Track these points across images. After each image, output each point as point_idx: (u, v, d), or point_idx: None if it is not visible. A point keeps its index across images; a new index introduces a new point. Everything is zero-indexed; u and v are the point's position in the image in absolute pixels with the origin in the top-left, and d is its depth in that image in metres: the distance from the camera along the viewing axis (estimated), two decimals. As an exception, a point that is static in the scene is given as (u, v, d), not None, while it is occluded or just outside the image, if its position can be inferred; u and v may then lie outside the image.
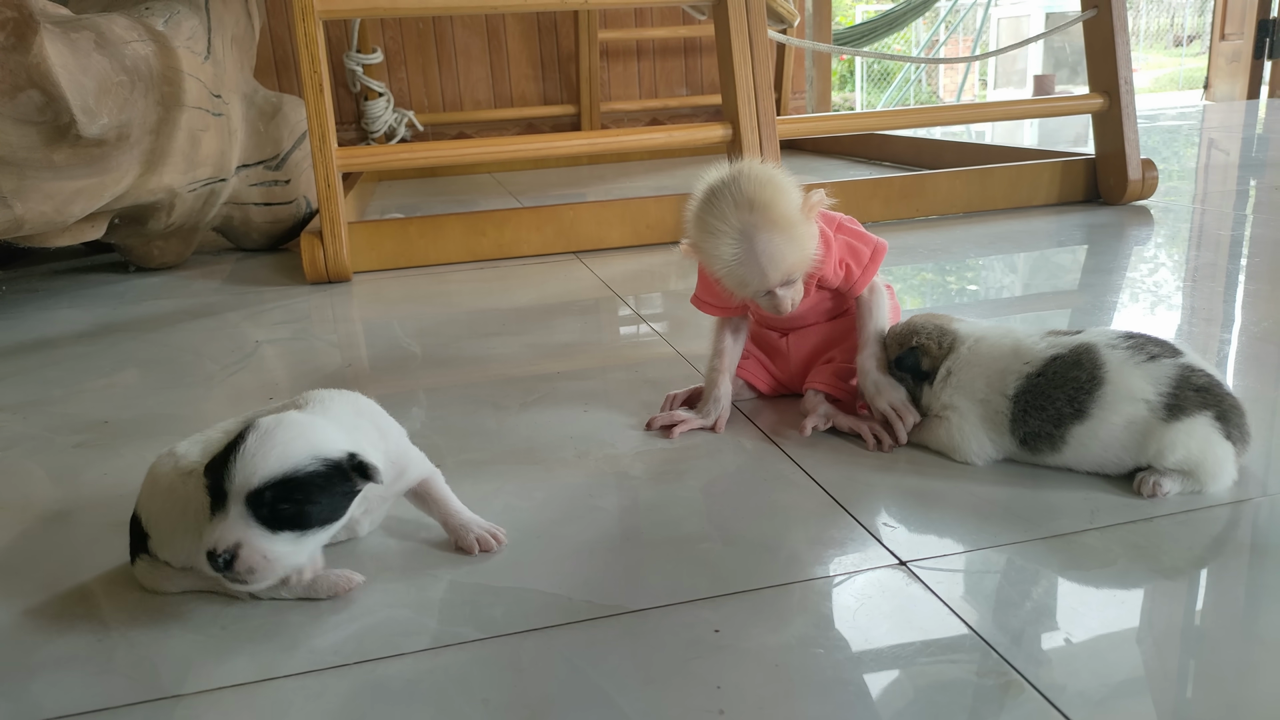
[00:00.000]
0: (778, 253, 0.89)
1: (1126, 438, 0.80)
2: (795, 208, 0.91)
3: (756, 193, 0.89)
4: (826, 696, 0.57)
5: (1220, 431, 0.78)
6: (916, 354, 0.92)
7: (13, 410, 1.19)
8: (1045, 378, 0.83)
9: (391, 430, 0.78)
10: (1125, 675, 0.58)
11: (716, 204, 0.91)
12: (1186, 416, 0.78)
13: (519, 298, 1.64)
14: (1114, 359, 0.81)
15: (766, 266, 0.90)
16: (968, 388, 0.88)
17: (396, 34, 3.62)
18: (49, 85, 1.32)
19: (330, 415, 0.72)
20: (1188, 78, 9.07)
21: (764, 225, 0.89)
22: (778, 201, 0.90)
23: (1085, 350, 0.83)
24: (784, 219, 0.90)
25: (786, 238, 0.90)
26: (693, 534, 0.78)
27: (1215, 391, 0.79)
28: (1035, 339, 0.87)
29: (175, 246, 2.00)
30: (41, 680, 0.63)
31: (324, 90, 1.75)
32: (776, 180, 0.91)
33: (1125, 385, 0.80)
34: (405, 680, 0.61)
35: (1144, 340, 0.83)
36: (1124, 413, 0.80)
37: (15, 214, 1.38)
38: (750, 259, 0.89)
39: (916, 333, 0.94)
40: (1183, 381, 0.79)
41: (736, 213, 0.89)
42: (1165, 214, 2.06)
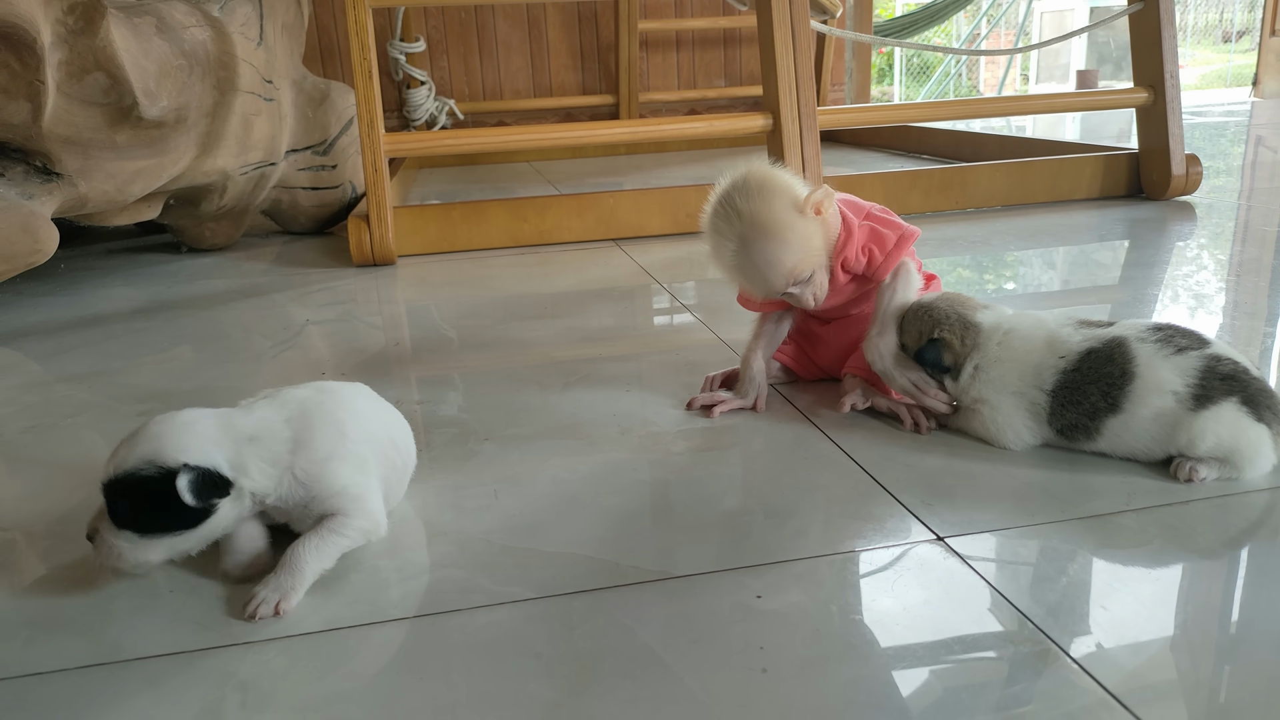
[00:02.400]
0: (774, 258, 0.93)
1: (1157, 429, 0.81)
2: (789, 211, 0.93)
3: (746, 203, 0.93)
4: (865, 660, 0.59)
5: (1249, 415, 0.79)
6: (939, 348, 0.91)
7: (78, 380, 1.24)
8: (1080, 373, 0.84)
9: (337, 451, 0.71)
10: (1158, 648, 0.59)
11: (717, 215, 0.96)
12: (1213, 405, 0.79)
13: (560, 283, 1.67)
14: (1144, 353, 0.82)
15: (766, 272, 0.94)
16: (998, 383, 0.88)
17: (439, 23, 3.67)
18: (114, 68, 1.37)
19: (250, 417, 0.70)
20: (1236, 74, 8.89)
21: (756, 234, 0.92)
22: (769, 208, 0.92)
23: (1117, 344, 0.84)
24: (775, 225, 0.92)
25: (780, 243, 0.92)
26: (734, 507, 0.80)
27: (1241, 378, 0.80)
28: (1069, 330, 0.87)
29: (226, 228, 2.05)
30: (120, 625, 0.67)
31: (373, 77, 1.79)
32: (770, 185, 0.94)
33: (1154, 378, 0.81)
34: (462, 634, 0.64)
35: (1173, 332, 0.83)
36: (1153, 405, 0.81)
37: (80, 192, 1.44)
38: (750, 266, 0.94)
39: (939, 324, 0.92)
40: (1208, 371, 0.80)
41: (730, 224, 0.94)
42: (1209, 210, 2.04)
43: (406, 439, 0.84)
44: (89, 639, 0.65)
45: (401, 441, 0.82)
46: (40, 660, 0.63)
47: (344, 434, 0.74)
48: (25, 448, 1.01)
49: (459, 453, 0.94)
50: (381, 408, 0.84)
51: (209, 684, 0.60)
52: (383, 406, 0.84)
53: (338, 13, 3.53)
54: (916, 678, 0.58)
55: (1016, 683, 0.57)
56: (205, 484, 0.65)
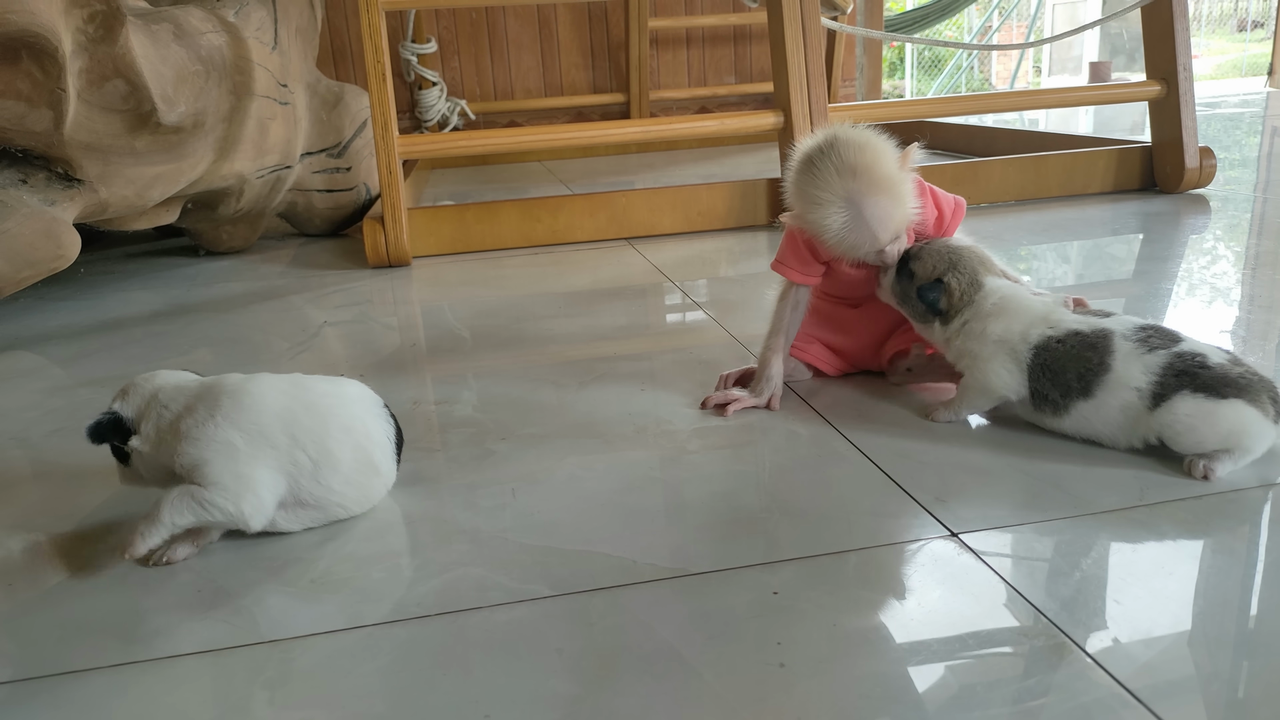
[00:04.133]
0: (885, 214, 0.93)
1: (1123, 419, 0.85)
2: (895, 166, 0.94)
3: (857, 158, 0.92)
4: (881, 654, 0.60)
5: (1209, 397, 0.80)
6: (940, 290, 0.94)
7: (101, 384, 1.26)
8: (1064, 348, 0.87)
9: (201, 433, 0.75)
10: (1172, 642, 0.60)
11: (819, 174, 0.93)
12: (1165, 401, 0.82)
13: (574, 282, 1.68)
14: (1124, 349, 0.85)
15: (877, 229, 0.93)
16: (983, 336, 0.92)
17: (450, 24, 3.68)
18: (133, 75, 1.39)
19: (170, 382, 0.81)
20: (1251, 64, 8.81)
21: (869, 189, 0.92)
22: (879, 163, 0.92)
23: (1103, 335, 0.86)
24: (886, 180, 0.92)
25: (891, 198, 0.93)
26: (749, 505, 0.81)
27: (1192, 371, 0.82)
28: (1065, 311, 0.91)
29: (243, 231, 2.07)
30: (151, 623, 0.68)
31: (386, 79, 1.80)
32: (874, 142, 0.94)
33: (1125, 374, 0.84)
34: (484, 630, 0.65)
35: (1153, 331, 0.86)
36: (1121, 398, 0.84)
37: (101, 198, 1.46)
38: (859, 224, 0.93)
39: (953, 269, 0.95)
40: (1167, 368, 0.83)
41: (840, 180, 0.92)
42: (1224, 202, 2.03)
43: (345, 443, 0.79)
44: (120, 638, 0.67)
45: (324, 446, 0.77)
46: (73, 659, 0.65)
47: (216, 418, 0.76)
48: (50, 451, 1.03)
49: (476, 452, 0.95)
50: (329, 405, 0.79)
51: (238, 681, 0.61)
52: (334, 404, 0.80)
53: (350, 15, 3.56)
54: (932, 672, 0.59)
55: (1031, 677, 0.57)
56: (102, 427, 0.79)
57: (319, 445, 0.78)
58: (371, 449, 0.81)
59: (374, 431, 0.82)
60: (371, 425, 0.82)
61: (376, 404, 0.85)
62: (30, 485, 0.95)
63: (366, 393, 0.85)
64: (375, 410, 0.84)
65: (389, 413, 0.86)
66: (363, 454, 0.80)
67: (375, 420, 0.83)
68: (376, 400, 0.85)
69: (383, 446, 0.82)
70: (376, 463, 0.82)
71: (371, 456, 0.81)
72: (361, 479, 0.81)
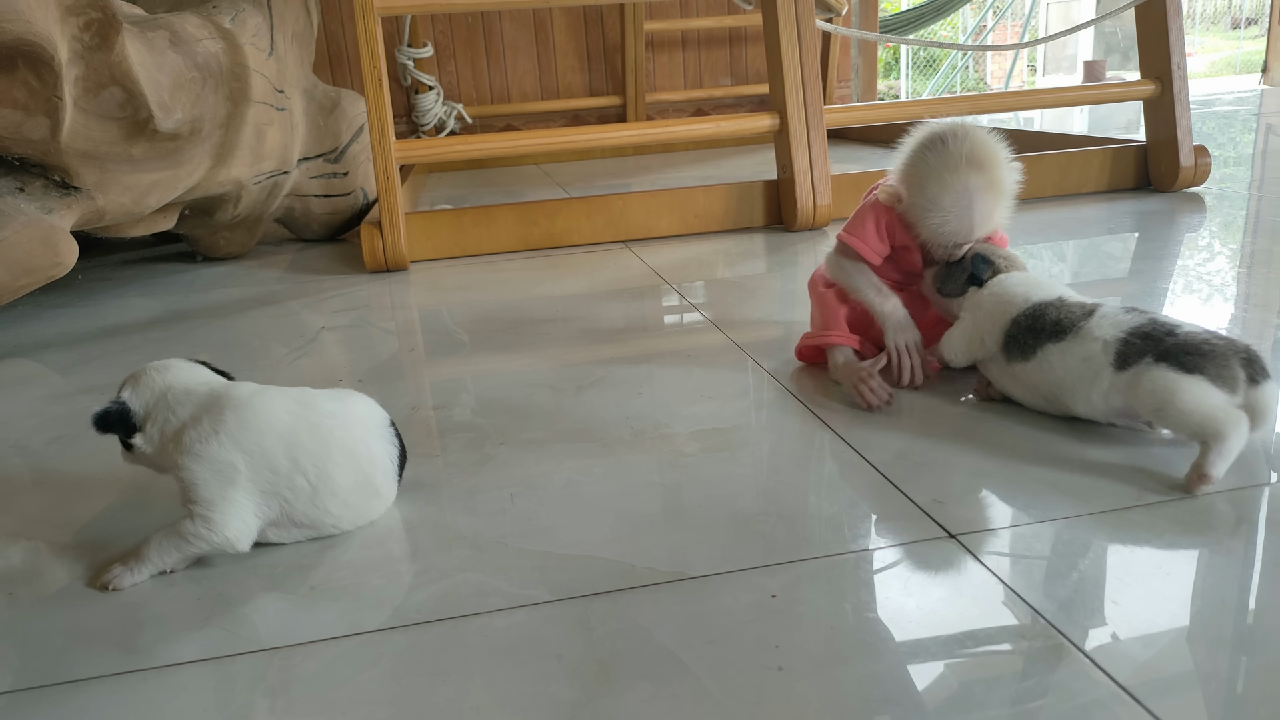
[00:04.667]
0: (989, 213, 1.01)
1: (1083, 370, 0.88)
2: (1010, 176, 1.02)
3: (989, 156, 1.00)
4: (880, 656, 0.60)
5: (1169, 369, 0.81)
6: (989, 265, 1.02)
7: (100, 391, 1.26)
8: (1055, 304, 0.94)
9: (202, 450, 0.74)
10: (1170, 641, 0.60)
11: (949, 154, 1.00)
12: (1130, 366, 0.85)
13: (571, 285, 1.68)
14: (1105, 311, 0.90)
15: (977, 224, 1.01)
16: (977, 307, 1.00)
17: (446, 28, 3.69)
18: (129, 82, 1.39)
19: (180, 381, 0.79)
20: (1245, 61, 8.83)
21: (987, 187, 0.99)
22: (1002, 167, 1.01)
23: (1094, 305, 0.92)
24: (1002, 185, 1.01)
25: (999, 202, 1.01)
26: (747, 508, 0.81)
27: (1157, 337, 0.84)
28: (1066, 292, 0.97)
29: (240, 237, 2.07)
30: (149, 634, 0.68)
31: (383, 85, 1.81)
32: (1001, 147, 1.03)
33: (1096, 327, 0.89)
34: (482, 636, 0.65)
35: (1134, 309, 0.90)
36: (1086, 348, 0.88)
37: (98, 205, 1.46)
38: (966, 215, 1.00)
39: (1004, 255, 1.03)
40: (1135, 330, 0.86)
41: (968, 169, 0.99)
42: (1219, 201, 2.04)
43: (346, 467, 0.78)
44: (121, 646, 0.67)
45: (324, 470, 0.77)
46: (74, 668, 0.65)
47: (220, 435, 0.75)
48: (50, 459, 1.03)
49: (475, 457, 0.96)
50: (332, 428, 0.78)
51: (239, 689, 0.62)
52: (338, 426, 0.79)
53: (346, 20, 3.56)
54: (930, 673, 0.59)
55: (1029, 677, 0.58)
56: (109, 417, 0.77)
57: (320, 470, 0.77)
58: (373, 472, 0.80)
59: (377, 454, 0.81)
60: (375, 447, 0.81)
61: (383, 423, 0.83)
62: (30, 493, 0.95)
63: (373, 411, 0.84)
64: (380, 431, 0.82)
65: (395, 432, 0.84)
66: (363, 477, 0.79)
67: (379, 442, 0.82)
68: (383, 419, 0.84)
69: (385, 469, 0.81)
70: (377, 485, 0.81)
71: (372, 479, 0.80)
72: (360, 501, 0.80)
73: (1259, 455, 0.84)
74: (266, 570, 0.76)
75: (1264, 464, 0.83)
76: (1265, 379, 0.81)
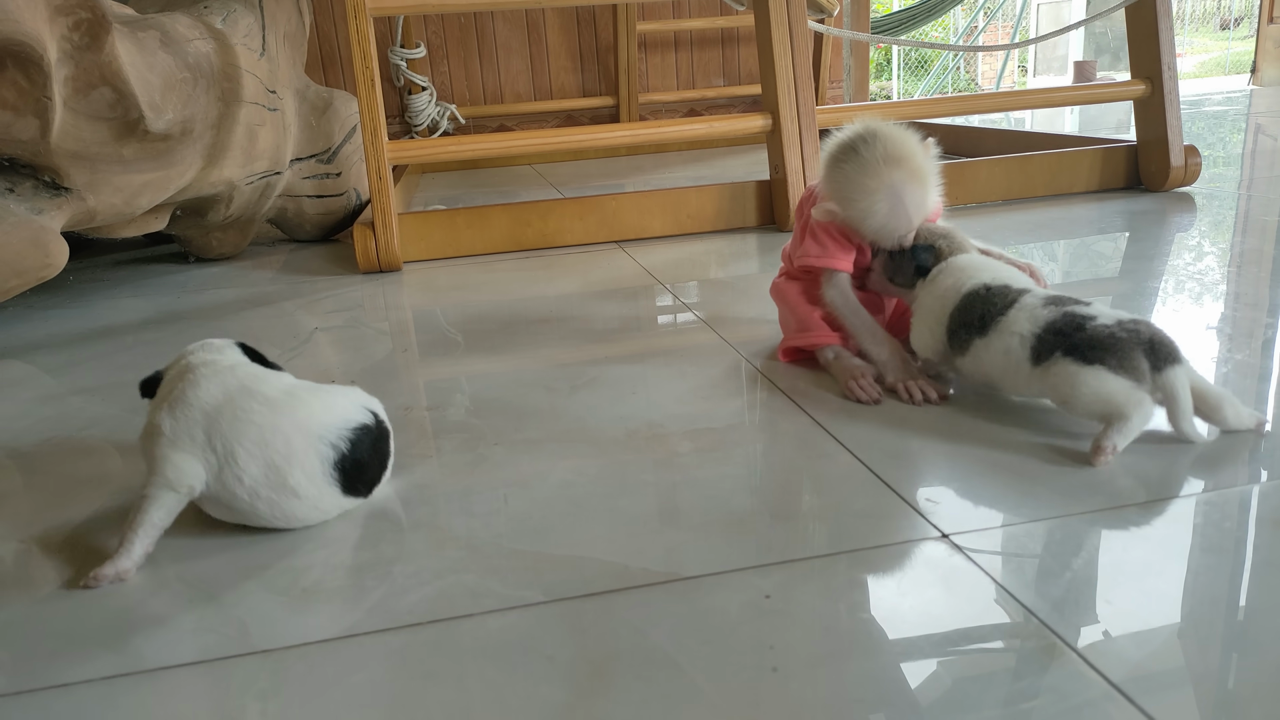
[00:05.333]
0: (922, 201, 1.03)
1: (1004, 363, 0.92)
2: (927, 157, 1.04)
3: (900, 149, 1.02)
4: (874, 656, 0.60)
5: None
6: (931, 251, 1.04)
7: (92, 393, 1.25)
8: (985, 292, 0.97)
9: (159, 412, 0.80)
10: (1163, 641, 0.60)
11: (865, 164, 1.02)
12: (1043, 361, 0.88)
13: (564, 286, 1.68)
14: (1025, 302, 0.93)
15: (914, 215, 1.03)
16: (921, 301, 1.04)
17: (439, 29, 3.68)
18: (119, 83, 1.39)
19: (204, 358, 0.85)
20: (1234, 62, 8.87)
21: (910, 178, 1.01)
22: (917, 154, 1.02)
23: (1018, 293, 0.95)
24: (923, 170, 1.03)
25: (926, 186, 1.03)
26: (740, 508, 0.81)
27: (1067, 332, 0.87)
28: (1008, 275, 0.99)
29: (233, 237, 2.07)
30: (140, 636, 0.68)
31: (375, 86, 1.80)
32: (910, 135, 1.04)
33: (1014, 320, 0.92)
34: (475, 638, 0.65)
35: (1061, 298, 0.92)
36: (1005, 342, 0.92)
37: (89, 206, 1.45)
38: (900, 210, 1.02)
39: (945, 237, 1.06)
40: (1049, 325, 0.89)
41: (886, 169, 1.01)
42: (1209, 200, 2.05)
43: (256, 457, 0.78)
44: (112, 649, 0.67)
45: (231, 452, 0.77)
46: (65, 672, 0.64)
47: (165, 403, 0.81)
48: (42, 461, 1.03)
49: (469, 458, 0.96)
50: (258, 417, 0.79)
51: (231, 692, 0.61)
52: (264, 416, 0.79)
53: (338, 20, 3.55)
54: (924, 674, 0.59)
55: (1023, 678, 0.58)
56: (142, 383, 0.87)
57: (226, 451, 0.78)
58: (289, 471, 0.78)
59: (299, 455, 0.78)
60: (299, 448, 0.79)
61: (333, 432, 0.81)
62: (21, 495, 0.95)
63: (331, 419, 0.81)
64: (319, 437, 0.80)
65: (354, 443, 0.81)
66: (276, 474, 0.78)
67: (311, 445, 0.79)
68: (339, 429, 0.81)
69: (309, 473, 0.79)
70: (293, 485, 0.78)
71: (285, 477, 0.78)
72: (273, 496, 0.78)
73: (1247, 455, 0.85)
74: (259, 571, 0.76)
75: (1254, 464, 0.83)
76: (1170, 365, 0.83)
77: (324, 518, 0.83)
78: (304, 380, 0.89)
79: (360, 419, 0.84)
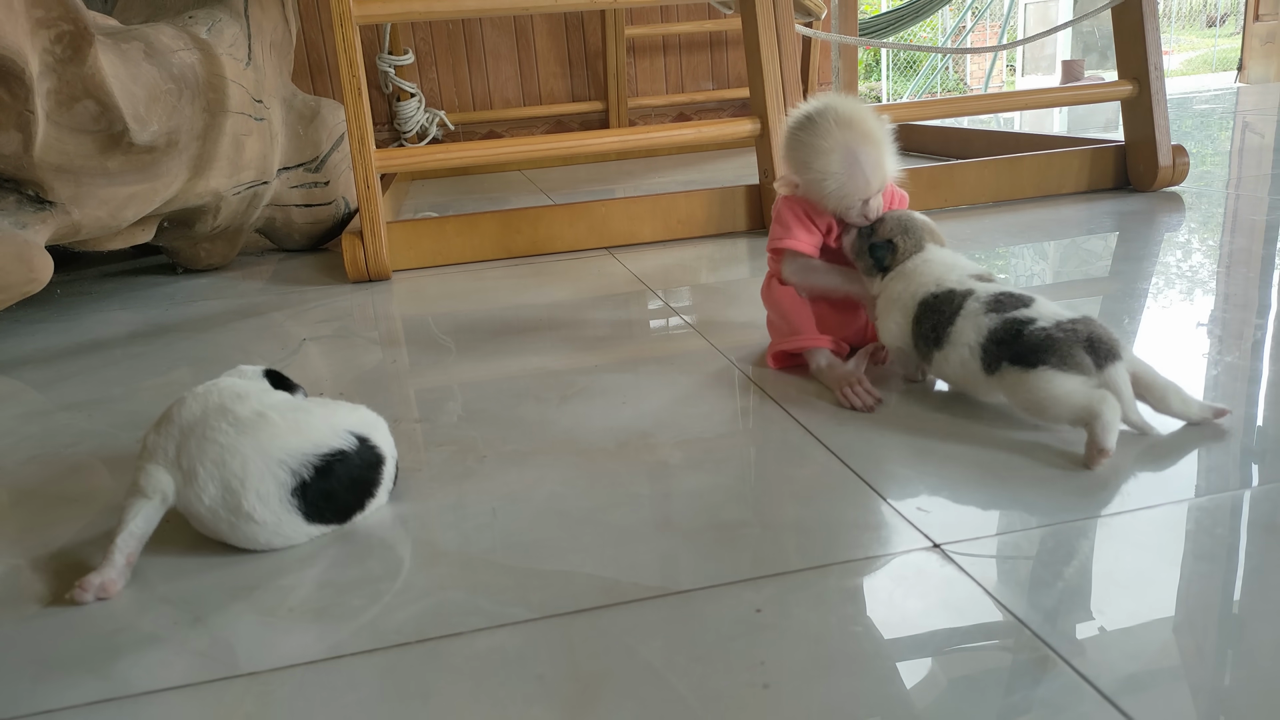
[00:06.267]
0: (877, 162, 1.05)
1: (962, 373, 0.95)
2: (882, 123, 1.07)
3: (851, 112, 1.05)
4: (866, 671, 0.60)
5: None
6: (889, 248, 1.06)
7: (78, 408, 1.24)
8: (935, 301, 0.98)
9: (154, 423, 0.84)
10: (1158, 651, 0.60)
11: (818, 127, 1.06)
12: (995, 374, 0.90)
13: (554, 293, 1.67)
14: (970, 309, 0.94)
15: (870, 174, 1.05)
16: (894, 291, 1.04)
17: (427, 35, 3.67)
18: (103, 95, 1.38)
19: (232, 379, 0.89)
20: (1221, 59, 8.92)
21: (863, 139, 1.04)
22: (869, 118, 1.06)
23: (962, 295, 0.96)
24: (876, 132, 1.06)
25: (880, 149, 1.06)
26: (731, 519, 0.81)
27: (1008, 340, 0.89)
28: (960, 276, 1.00)
29: (221, 248, 2.06)
30: (126, 660, 0.67)
31: (362, 94, 1.80)
32: (861, 103, 1.09)
33: (962, 330, 0.94)
34: (464, 657, 0.64)
35: (1006, 297, 0.93)
36: (959, 353, 0.94)
37: (73, 220, 1.44)
38: (855, 170, 1.04)
39: (905, 233, 1.06)
40: (991, 334, 0.91)
41: (839, 131, 1.04)
42: (1198, 199, 2.05)
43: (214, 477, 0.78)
44: (97, 674, 0.66)
45: (193, 469, 0.78)
46: (49, 697, 0.64)
47: (158, 422, 0.84)
48: (27, 479, 1.02)
49: (458, 471, 0.95)
50: (223, 437, 0.79)
51: (217, 716, 0.61)
52: (229, 437, 0.79)
53: (325, 28, 3.54)
54: (916, 688, 0.58)
55: (1015, 691, 0.57)
56: None
57: (190, 467, 0.79)
58: (243, 494, 0.77)
59: (254, 478, 0.77)
60: (255, 471, 0.78)
61: (296, 458, 0.79)
62: (7, 514, 0.94)
63: (298, 443, 0.80)
64: (279, 462, 0.79)
65: (321, 470, 0.80)
66: (231, 496, 0.77)
67: (269, 470, 0.78)
68: (304, 455, 0.79)
69: (264, 498, 0.78)
70: (247, 510, 0.77)
71: (240, 502, 0.77)
72: (231, 518, 0.78)
73: (1238, 460, 0.85)
74: (245, 591, 0.75)
75: (1246, 468, 0.83)
76: (1111, 362, 0.85)
77: (291, 543, 0.81)
78: (316, 399, 0.91)
79: (335, 445, 0.81)
